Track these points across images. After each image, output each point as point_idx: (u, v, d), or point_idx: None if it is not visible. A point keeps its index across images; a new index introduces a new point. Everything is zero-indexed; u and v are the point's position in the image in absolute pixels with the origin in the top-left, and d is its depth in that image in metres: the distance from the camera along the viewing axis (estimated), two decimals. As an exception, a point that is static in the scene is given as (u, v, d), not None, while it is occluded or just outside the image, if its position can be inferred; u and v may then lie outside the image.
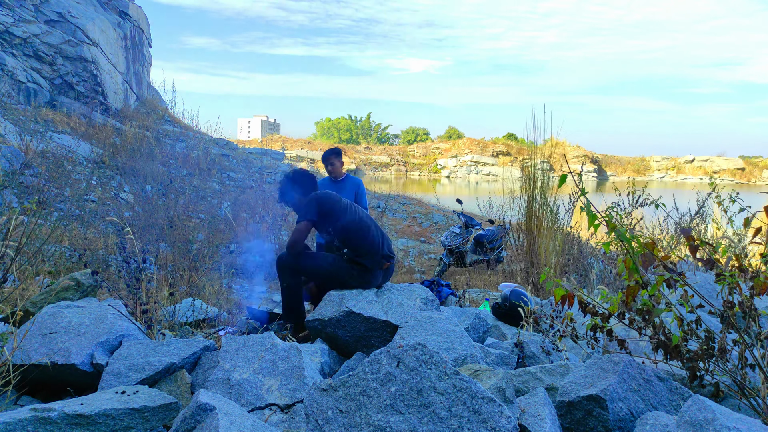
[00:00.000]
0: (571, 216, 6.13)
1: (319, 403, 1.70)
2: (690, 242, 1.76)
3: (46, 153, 8.71)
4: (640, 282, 1.82)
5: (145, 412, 1.89)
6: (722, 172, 46.93)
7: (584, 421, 1.82)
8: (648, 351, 2.01)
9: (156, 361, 2.25)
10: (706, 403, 1.55)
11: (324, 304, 2.95)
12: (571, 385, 1.90)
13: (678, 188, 7.41)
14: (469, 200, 8.40)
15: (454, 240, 7.25)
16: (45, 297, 2.82)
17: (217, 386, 2.12)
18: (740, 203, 2.06)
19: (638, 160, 50.59)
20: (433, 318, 2.63)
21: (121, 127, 11.94)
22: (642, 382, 1.85)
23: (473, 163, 46.79)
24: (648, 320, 1.85)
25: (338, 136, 62.43)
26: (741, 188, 7.89)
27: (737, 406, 1.86)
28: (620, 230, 1.83)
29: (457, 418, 1.58)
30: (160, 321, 3.09)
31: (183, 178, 10.22)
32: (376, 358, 1.71)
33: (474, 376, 2.04)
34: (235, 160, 13.71)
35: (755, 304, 1.79)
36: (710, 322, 2.48)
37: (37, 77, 11.27)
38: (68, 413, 1.78)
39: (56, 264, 4.49)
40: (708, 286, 2.98)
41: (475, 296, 5.37)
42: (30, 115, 10.22)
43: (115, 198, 8.40)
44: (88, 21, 12.31)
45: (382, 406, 1.63)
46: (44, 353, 2.26)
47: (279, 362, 2.23)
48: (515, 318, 3.55)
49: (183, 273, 5.04)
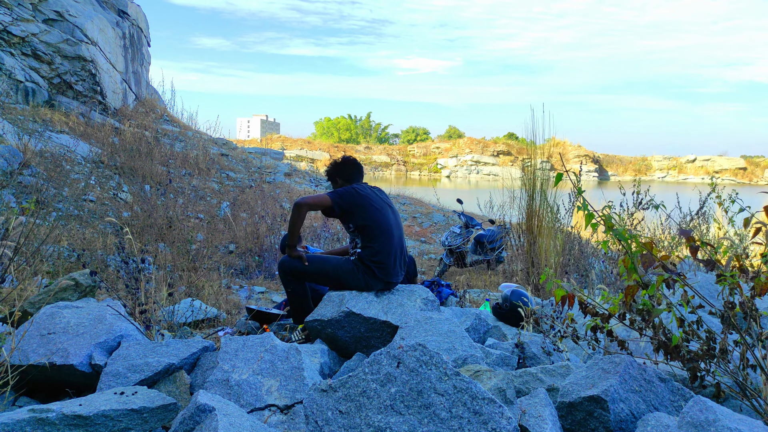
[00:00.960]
0: (571, 216, 6.13)
1: (319, 404, 1.69)
2: (690, 243, 1.76)
3: (45, 152, 8.69)
4: (639, 282, 1.81)
5: (143, 413, 1.88)
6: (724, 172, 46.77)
7: (585, 422, 1.82)
8: (649, 351, 2.01)
9: (155, 361, 2.24)
10: (708, 403, 1.55)
11: (324, 305, 2.94)
12: (572, 385, 1.89)
13: (680, 186, 7.37)
14: (469, 200, 8.38)
15: (455, 240, 7.24)
16: (43, 297, 2.81)
17: (216, 387, 2.12)
18: (740, 203, 2.06)
19: (640, 160, 50.49)
20: (434, 318, 2.62)
21: (119, 127, 11.92)
22: (643, 382, 1.85)
23: (474, 162, 46.74)
24: (648, 321, 1.85)
25: (338, 136, 62.37)
26: (742, 188, 7.89)
27: (739, 407, 1.86)
28: (618, 230, 1.82)
29: (458, 419, 1.57)
30: (158, 321, 3.08)
31: (182, 178, 10.21)
32: (376, 359, 1.71)
33: (474, 376, 2.04)
34: (235, 159, 13.71)
35: (756, 304, 1.78)
36: (711, 322, 2.48)
37: (35, 76, 11.24)
38: (67, 414, 1.78)
39: (55, 264, 4.47)
40: (709, 286, 2.98)
41: (475, 296, 5.36)
42: (28, 115, 10.20)
43: (114, 198, 8.39)
44: (86, 20, 12.28)
45: (382, 407, 1.63)
46: (42, 354, 2.26)
47: (278, 363, 2.23)
48: (516, 318, 3.54)
49: (182, 273, 5.03)
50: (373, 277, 3.04)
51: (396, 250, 3.10)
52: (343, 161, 3.36)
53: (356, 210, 3.07)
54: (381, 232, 3.06)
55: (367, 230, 3.07)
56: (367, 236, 3.07)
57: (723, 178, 44.00)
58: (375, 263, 3.03)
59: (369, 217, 3.06)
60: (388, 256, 3.05)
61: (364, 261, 3.05)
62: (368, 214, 3.07)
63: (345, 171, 3.31)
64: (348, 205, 3.06)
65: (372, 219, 3.07)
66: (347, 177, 3.29)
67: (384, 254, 3.04)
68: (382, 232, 3.06)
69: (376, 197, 3.19)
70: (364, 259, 3.05)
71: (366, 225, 3.06)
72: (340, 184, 3.30)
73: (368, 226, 3.06)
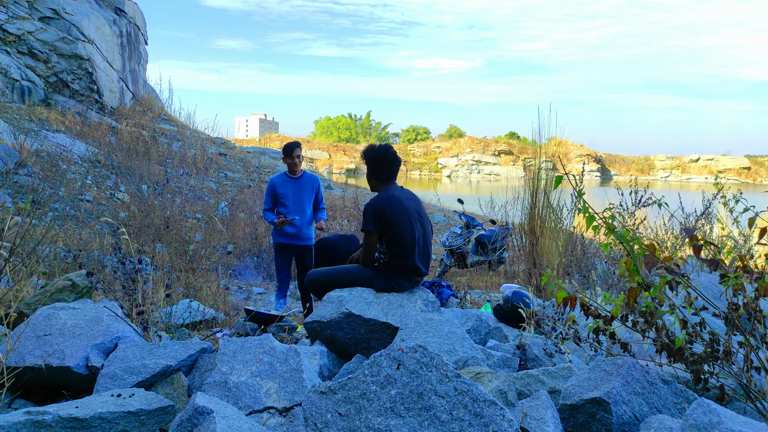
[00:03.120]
0: (573, 216, 6.09)
1: (318, 407, 1.67)
2: (694, 242, 1.74)
3: (41, 152, 8.64)
4: (642, 284, 1.80)
5: (141, 416, 1.87)
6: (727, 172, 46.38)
7: (587, 425, 1.80)
8: (652, 353, 1.99)
9: (152, 363, 2.22)
10: (711, 406, 1.54)
11: (323, 306, 2.92)
12: (574, 388, 1.88)
13: (683, 188, 7.31)
14: (470, 200, 8.36)
15: (456, 240, 7.21)
16: (39, 298, 2.79)
17: (214, 389, 2.10)
18: (744, 203, 2.04)
19: (642, 160, 50.29)
20: (434, 320, 2.60)
21: (116, 126, 11.87)
22: (646, 384, 1.83)
23: (475, 162, 46.61)
24: (651, 322, 1.83)
25: (337, 135, 62.27)
26: (746, 188, 7.91)
27: (743, 410, 1.85)
28: (620, 232, 1.80)
29: (459, 422, 1.56)
30: (156, 323, 3.06)
31: (179, 178, 10.16)
32: (375, 361, 1.69)
33: (475, 378, 2.02)
34: (233, 159, 13.67)
35: (760, 305, 1.77)
36: (715, 324, 2.46)
37: (31, 75, 11.19)
38: (63, 416, 1.77)
39: (51, 265, 4.44)
40: (712, 287, 2.96)
41: (476, 298, 5.35)
42: (24, 114, 10.15)
43: (111, 198, 8.35)
44: (83, 18, 12.22)
45: (382, 410, 1.61)
46: (39, 355, 2.24)
47: (277, 365, 2.21)
48: (517, 320, 3.52)
49: (180, 274, 5.00)
50: (400, 277, 3.05)
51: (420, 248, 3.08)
52: (384, 157, 3.12)
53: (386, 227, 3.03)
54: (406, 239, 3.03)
55: (394, 240, 3.05)
56: (393, 243, 3.05)
57: (727, 178, 43.81)
58: (401, 266, 3.03)
59: (396, 228, 3.03)
60: (411, 256, 3.04)
61: (390, 264, 3.05)
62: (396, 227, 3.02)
63: (383, 171, 3.13)
64: (382, 227, 3.03)
65: (399, 229, 3.03)
66: (386, 176, 3.14)
67: (408, 257, 3.04)
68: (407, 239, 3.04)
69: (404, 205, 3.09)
70: (390, 263, 3.05)
71: (393, 235, 3.04)
72: (373, 179, 3.17)
73: (395, 236, 3.04)
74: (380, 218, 3.00)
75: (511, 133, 51.30)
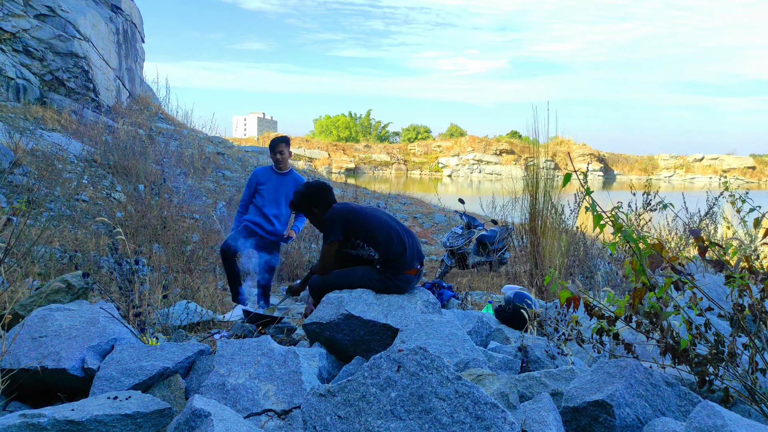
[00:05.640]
0: (576, 216, 6.07)
1: (317, 409, 1.65)
2: (699, 243, 1.72)
3: (36, 151, 8.58)
4: (647, 284, 1.78)
5: (137, 418, 1.85)
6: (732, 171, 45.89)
7: (590, 428, 1.78)
8: (656, 355, 1.98)
9: (149, 365, 2.20)
10: (716, 408, 1.52)
11: (322, 307, 2.90)
12: (576, 390, 1.86)
13: (687, 189, 7.26)
14: (471, 200, 8.32)
15: (456, 241, 7.18)
16: (35, 299, 2.76)
17: (212, 391, 2.07)
18: (750, 203, 2.03)
19: (646, 159, 50.00)
20: (435, 321, 2.59)
21: (113, 125, 11.80)
22: (649, 387, 1.81)
23: (476, 161, 46.48)
24: (655, 323, 1.82)
25: (336, 134, 62.06)
26: (751, 188, 7.78)
27: (747, 412, 1.83)
28: (626, 231, 1.78)
29: (459, 425, 1.54)
30: (153, 324, 3.03)
31: (177, 177, 10.11)
32: (375, 363, 1.67)
33: (477, 381, 2.00)
34: (231, 158, 13.62)
35: (766, 307, 1.76)
36: (720, 325, 2.45)
37: (26, 73, 11.12)
38: (59, 419, 1.75)
39: (46, 265, 4.41)
40: (717, 288, 2.95)
41: (477, 299, 5.32)
42: (19, 112, 10.09)
43: (107, 197, 8.30)
44: (79, 15, 12.15)
45: (382, 412, 1.59)
46: (34, 357, 2.22)
47: (276, 367, 2.18)
48: (519, 321, 3.50)
49: (177, 275, 4.97)
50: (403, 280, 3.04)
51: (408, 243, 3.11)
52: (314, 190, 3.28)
53: (352, 227, 3.09)
54: (386, 232, 3.06)
55: (374, 240, 3.07)
56: (378, 244, 3.07)
57: (731, 178, 43.72)
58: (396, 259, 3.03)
59: (367, 227, 3.07)
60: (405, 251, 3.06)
61: (391, 267, 3.04)
62: (365, 226, 3.08)
63: (321, 199, 3.24)
64: (345, 230, 3.09)
65: (368, 224, 3.07)
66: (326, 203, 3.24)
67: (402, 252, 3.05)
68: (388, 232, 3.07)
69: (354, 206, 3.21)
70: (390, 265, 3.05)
71: (369, 236, 3.07)
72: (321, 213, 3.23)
73: (370, 232, 3.06)
74: (345, 221, 3.09)
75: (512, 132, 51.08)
